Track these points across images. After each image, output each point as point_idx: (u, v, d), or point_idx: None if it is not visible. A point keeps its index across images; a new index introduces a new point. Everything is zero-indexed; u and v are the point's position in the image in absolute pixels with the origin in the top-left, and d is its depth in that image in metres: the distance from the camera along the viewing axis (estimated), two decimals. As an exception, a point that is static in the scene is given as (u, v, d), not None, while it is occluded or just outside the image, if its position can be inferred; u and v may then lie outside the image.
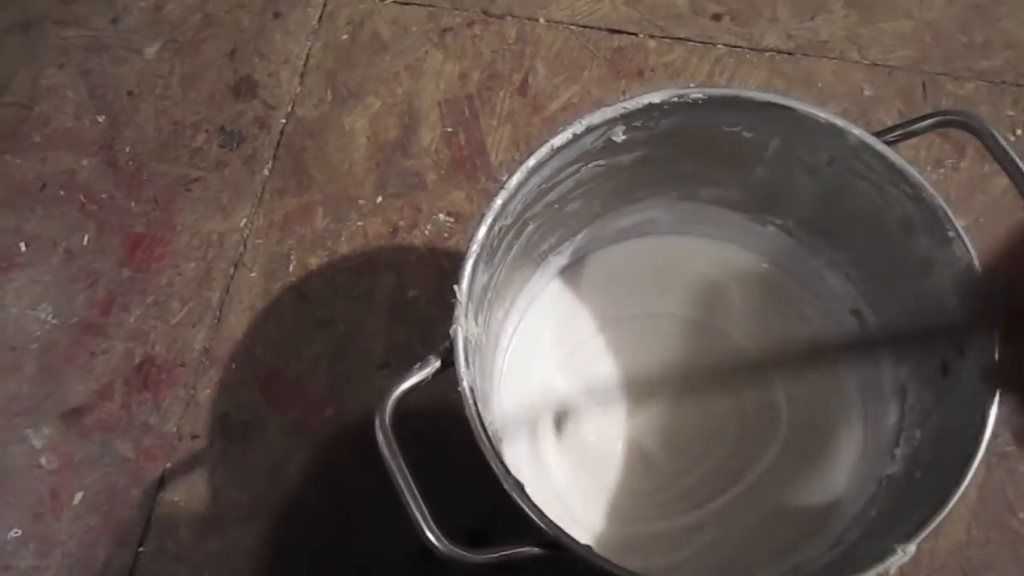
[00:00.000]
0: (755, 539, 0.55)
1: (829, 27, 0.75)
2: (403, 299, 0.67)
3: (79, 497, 0.63)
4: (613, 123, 0.49)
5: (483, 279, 0.49)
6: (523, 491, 0.42)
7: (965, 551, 0.59)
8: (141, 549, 0.62)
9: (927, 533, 0.41)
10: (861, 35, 0.75)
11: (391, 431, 0.42)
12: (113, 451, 0.65)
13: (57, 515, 0.63)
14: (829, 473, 0.56)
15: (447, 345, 0.45)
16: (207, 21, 0.79)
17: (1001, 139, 0.47)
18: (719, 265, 0.63)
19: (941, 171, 0.69)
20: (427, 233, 0.69)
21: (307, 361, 0.66)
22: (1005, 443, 0.62)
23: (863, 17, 0.75)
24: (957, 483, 0.41)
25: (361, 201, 0.71)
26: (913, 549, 0.41)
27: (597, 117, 0.48)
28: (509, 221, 0.49)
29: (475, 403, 0.43)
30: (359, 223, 0.70)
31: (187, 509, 0.63)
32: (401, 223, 0.70)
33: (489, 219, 0.46)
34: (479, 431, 0.43)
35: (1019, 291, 0.36)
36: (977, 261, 0.45)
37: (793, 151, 0.52)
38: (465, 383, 0.43)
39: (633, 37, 0.76)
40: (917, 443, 0.49)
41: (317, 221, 0.70)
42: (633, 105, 0.48)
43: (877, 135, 0.48)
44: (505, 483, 0.42)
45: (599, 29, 0.76)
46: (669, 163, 0.55)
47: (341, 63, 0.76)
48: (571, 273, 0.63)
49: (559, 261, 0.61)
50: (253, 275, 0.69)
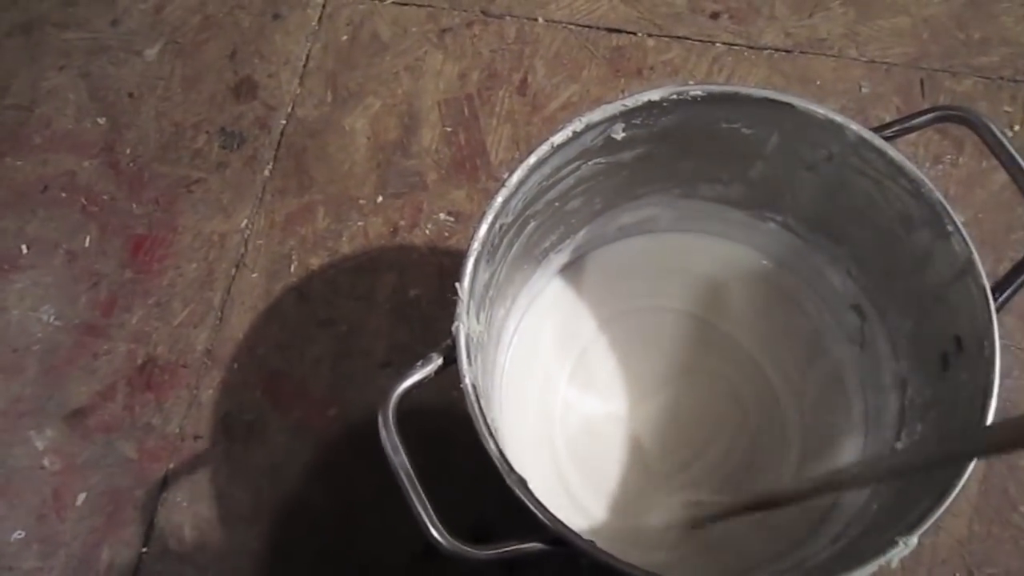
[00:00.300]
0: (757, 534, 0.55)
1: (827, 25, 0.75)
2: (405, 298, 0.68)
3: (82, 498, 0.64)
4: (613, 120, 0.49)
5: (484, 277, 0.49)
6: (526, 487, 0.42)
7: (967, 545, 0.60)
8: (144, 550, 0.62)
9: (928, 526, 0.41)
10: (859, 32, 0.75)
11: (394, 428, 0.42)
12: (116, 452, 0.65)
13: (60, 516, 0.63)
14: (831, 466, 0.56)
15: (449, 343, 0.45)
16: (207, 23, 0.79)
17: (999, 133, 0.47)
18: (720, 262, 0.63)
19: (940, 167, 0.69)
20: (428, 232, 0.69)
21: (309, 361, 0.66)
22: (1006, 438, 0.62)
23: (861, 14, 0.76)
24: (957, 476, 0.41)
25: (362, 201, 0.71)
26: (915, 541, 0.41)
27: (597, 115, 0.48)
28: (510, 219, 0.49)
29: (477, 400, 0.43)
30: (360, 223, 0.70)
31: (190, 510, 0.63)
32: (402, 223, 0.70)
33: (490, 217, 0.47)
34: (482, 427, 0.43)
35: None
36: (976, 255, 0.45)
37: (792, 147, 0.52)
38: (467, 380, 0.43)
39: (632, 36, 0.76)
40: (918, 437, 0.49)
41: (318, 221, 0.71)
42: (633, 103, 0.48)
43: (875, 131, 0.48)
44: (508, 479, 0.42)
45: (598, 28, 0.76)
46: (669, 160, 0.55)
47: (341, 64, 0.76)
48: (572, 271, 0.63)
49: (560, 259, 0.62)
50: (255, 276, 0.69)
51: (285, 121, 0.75)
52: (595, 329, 0.62)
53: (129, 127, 0.75)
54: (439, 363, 0.45)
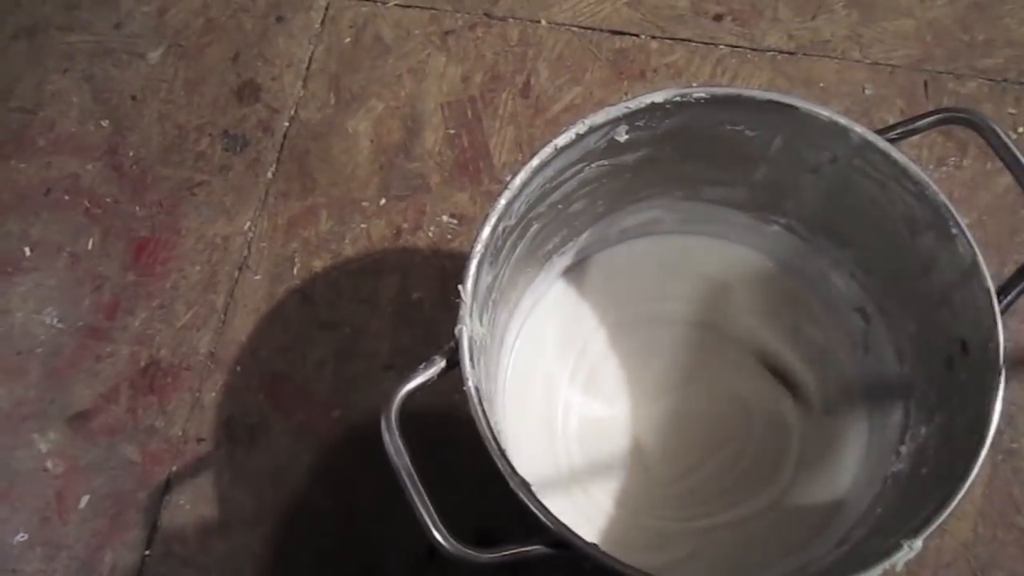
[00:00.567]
0: (762, 538, 0.55)
1: (831, 27, 0.75)
2: (408, 301, 0.67)
3: (85, 501, 0.64)
4: (616, 123, 0.49)
5: (487, 279, 0.49)
6: (529, 490, 0.42)
7: (972, 549, 0.59)
8: (147, 553, 0.62)
9: (933, 529, 0.41)
10: (863, 34, 0.75)
11: (397, 431, 0.42)
12: (119, 455, 0.65)
13: (63, 519, 0.63)
14: (835, 471, 0.56)
15: (452, 345, 0.45)
16: (210, 25, 0.79)
17: (1003, 135, 0.47)
18: (723, 264, 0.63)
19: (944, 169, 0.69)
20: (431, 235, 0.69)
21: (312, 364, 0.66)
22: (1011, 440, 0.62)
23: (864, 16, 0.75)
24: (962, 479, 0.41)
25: (365, 203, 0.71)
26: (919, 545, 0.41)
27: (600, 117, 0.48)
28: (513, 221, 0.49)
29: (480, 402, 0.43)
30: (363, 225, 0.70)
31: (193, 512, 0.63)
32: (405, 225, 0.70)
33: (493, 219, 0.47)
34: (485, 430, 0.43)
35: None
36: (981, 257, 0.45)
37: (796, 150, 0.52)
38: (470, 383, 0.43)
39: (635, 38, 0.76)
40: (922, 440, 0.49)
41: (321, 224, 0.70)
42: (636, 105, 0.48)
43: (879, 133, 0.48)
44: (511, 482, 0.42)
45: (601, 30, 0.76)
46: (672, 163, 0.55)
47: (344, 66, 0.76)
48: (575, 273, 0.63)
49: (563, 261, 0.62)
50: (258, 278, 0.69)
51: (288, 124, 0.75)
52: (598, 332, 0.62)
53: (132, 130, 0.75)
54: (442, 366, 0.45)
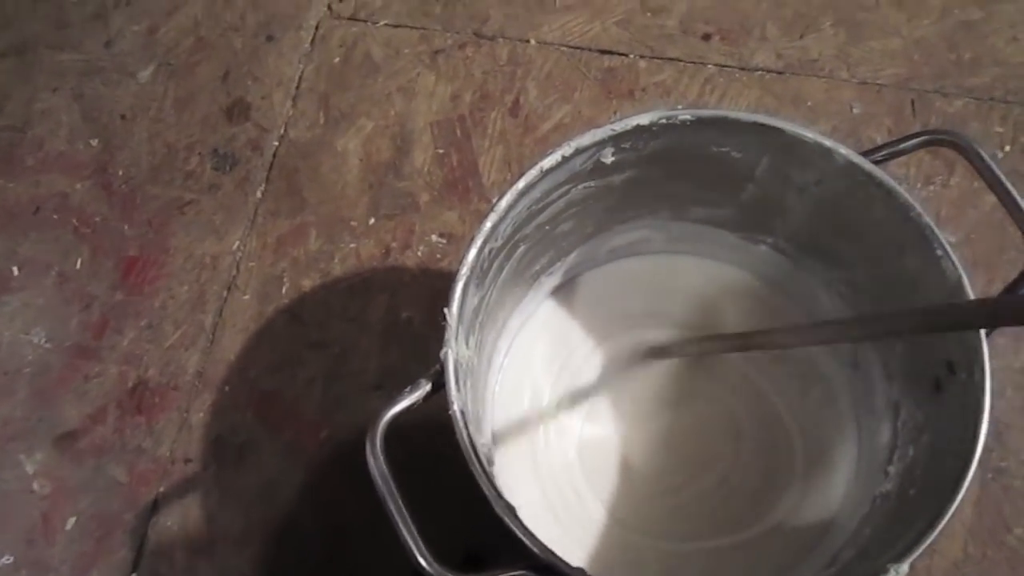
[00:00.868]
0: (751, 559, 0.55)
1: (819, 46, 0.76)
2: (396, 320, 0.67)
3: (72, 522, 0.63)
4: (602, 145, 0.49)
5: (474, 301, 0.49)
6: (514, 514, 0.42)
7: (961, 568, 0.59)
8: (134, 574, 0.61)
9: (920, 552, 0.41)
10: (850, 53, 0.75)
11: (382, 455, 0.42)
12: (106, 475, 0.64)
13: (50, 540, 0.63)
14: (825, 491, 0.56)
15: (438, 368, 0.44)
16: (200, 44, 0.79)
17: (987, 157, 0.47)
18: (712, 284, 0.63)
19: (931, 187, 0.69)
20: (420, 254, 0.69)
21: (301, 383, 0.66)
22: (1000, 459, 0.62)
23: (852, 35, 0.76)
24: (949, 501, 0.41)
25: (354, 223, 0.71)
26: (906, 569, 0.40)
27: (586, 139, 0.48)
28: (499, 243, 0.49)
29: (466, 426, 0.43)
30: (352, 245, 0.70)
31: (181, 533, 0.62)
32: (394, 244, 0.70)
33: (479, 242, 0.46)
34: (470, 455, 0.43)
35: None
36: (967, 279, 0.45)
37: (782, 171, 0.52)
38: (456, 407, 0.43)
39: (624, 58, 0.76)
40: (910, 460, 0.49)
41: (310, 243, 0.70)
42: (622, 127, 0.48)
43: (865, 154, 0.48)
44: (496, 506, 0.42)
45: (590, 50, 0.76)
46: (659, 183, 0.55)
47: (334, 85, 0.76)
48: (564, 293, 0.63)
49: (551, 281, 0.62)
50: (246, 297, 0.69)
51: (278, 143, 0.75)
52: (587, 351, 0.62)
53: (122, 148, 0.76)
54: (427, 389, 0.44)
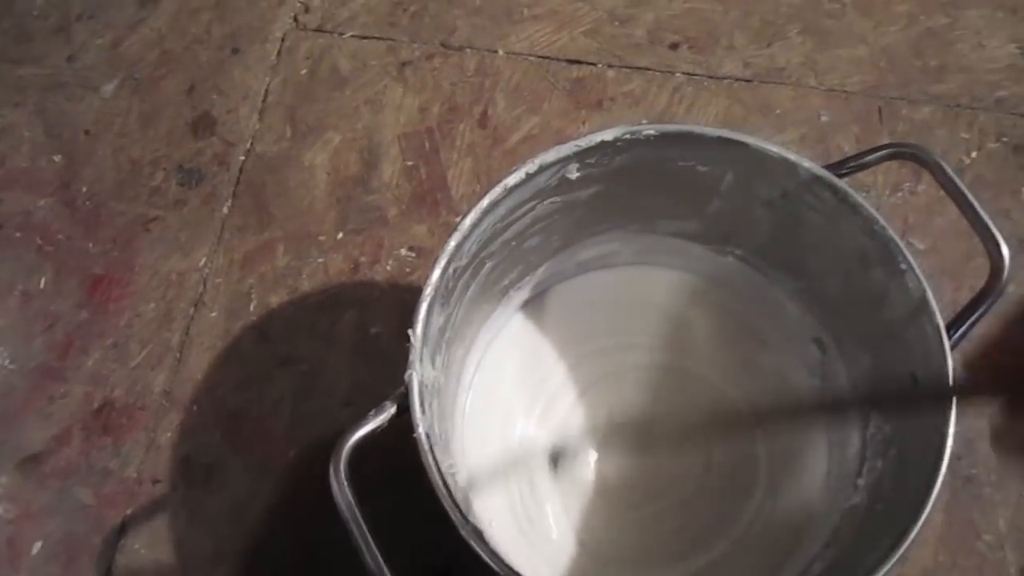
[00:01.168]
0: (722, 573, 0.55)
1: (786, 54, 0.76)
2: (366, 336, 0.67)
3: (38, 547, 0.62)
4: (567, 161, 0.49)
5: (440, 320, 0.48)
6: (482, 538, 0.41)
7: (933, 576, 0.59)
8: (102, 599, 0.60)
9: (887, 570, 0.41)
10: (818, 61, 0.75)
11: (346, 481, 0.42)
12: (72, 498, 0.63)
13: (15, 566, 0.62)
14: (794, 504, 0.56)
15: (403, 390, 0.44)
16: (165, 58, 0.78)
17: (949, 170, 0.47)
18: (681, 295, 0.63)
19: (899, 195, 0.70)
20: (389, 269, 0.69)
21: (270, 401, 0.65)
22: (970, 466, 0.62)
23: (819, 43, 0.76)
24: (914, 520, 0.41)
25: (322, 237, 0.70)
26: (873, 587, 0.40)
27: (551, 155, 0.48)
28: (465, 261, 0.49)
29: (431, 449, 0.43)
30: (320, 260, 0.69)
31: (149, 556, 0.61)
32: (363, 259, 0.69)
33: (443, 261, 0.46)
34: (436, 478, 0.42)
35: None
36: (931, 293, 0.45)
37: (748, 185, 0.52)
38: (421, 429, 0.43)
39: (592, 67, 0.76)
40: (878, 473, 0.49)
41: (278, 259, 0.70)
42: (586, 143, 0.48)
43: (830, 168, 0.49)
44: (463, 531, 0.41)
45: (558, 60, 0.76)
46: (626, 198, 0.55)
47: (300, 98, 0.76)
48: (533, 307, 0.63)
49: (520, 296, 0.61)
50: (214, 315, 0.68)
51: (244, 157, 0.74)
52: (558, 365, 0.62)
53: (85, 165, 0.74)
54: (392, 411, 0.44)
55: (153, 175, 0.74)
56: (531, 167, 0.48)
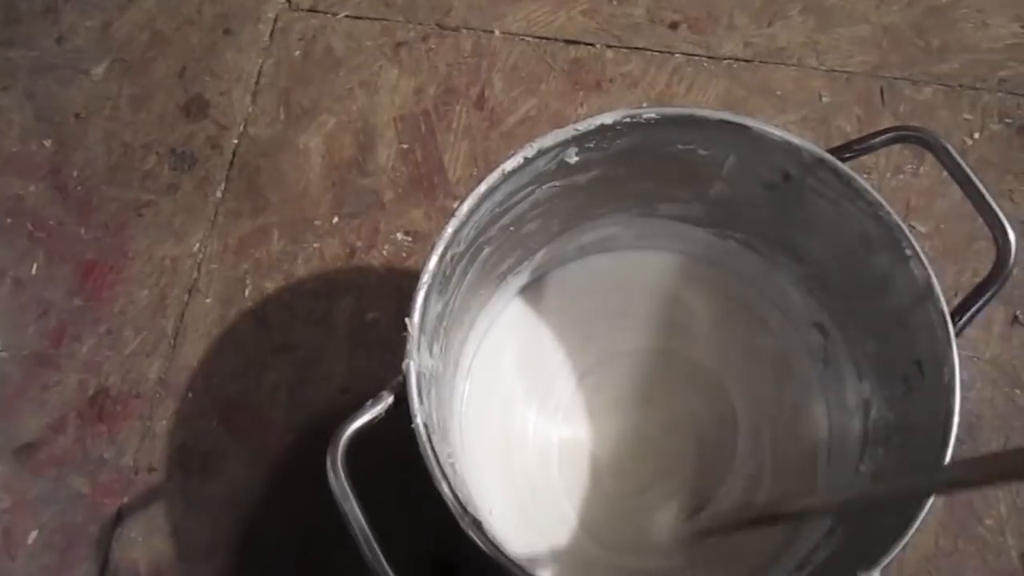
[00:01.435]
0: (723, 561, 0.54)
1: (787, 34, 0.75)
2: (363, 322, 0.66)
3: (33, 536, 0.62)
4: (565, 145, 0.48)
5: (437, 308, 0.48)
6: (481, 529, 0.41)
7: (934, 561, 0.59)
8: (99, 587, 0.60)
9: (890, 560, 0.40)
10: (819, 41, 0.74)
11: (343, 473, 0.41)
12: (68, 487, 0.63)
13: (11, 555, 0.61)
14: (794, 488, 0.56)
15: (400, 380, 0.43)
16: (156, 39, 0.77)
17: (955, 153, 0.46)
18: (681, 279, 0.62)
19: (901, 177, 0.69)
20: (385, 253, 0.68)
21: (266, 388, 0.65)
22: (970, 452, 0.61)
23: (821, 23, 0.75)
24: (919, 507, 0.41)
25: (317, 222, 0.69)
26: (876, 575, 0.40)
27: (549, 140, 0.47)
28: (462, 248, 0.48)
29: (429, 439, 0.42)
30: (316, 245, 0.69)
31: (146, 545, 0.61)
32: (359, 243, 0.68)
33: (440, 248, 0.45)
34: (434, 468, 0.42)
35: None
36: (935, 279, 0.45)
37: (750, 168, 0.51)
38: (419, 419, 0.42)
39: (590, 48, 0.75)
40: (881, 460, 0.49)
41: (273, 244, 0.69)
42: (585, 127, 0.47)
43: (833, 151, 0.48)
44: (462, 522, 0.41)
45: (556, 40, 0.75)
46: (626, 182, 0.54)
47: (294, 80, 0.75)
48: (532, 291, 0.62)
49: (519, 280, 0.60)
50: (208, 301, 0.67)
51: (237, 140, 0.73)
52: (557, 350, 0.61)
53: (76, 149, 0.73)
54: (390, 401, 0.43)
55: (145, 159, 0.73)
56: (529, 152, 0.47)
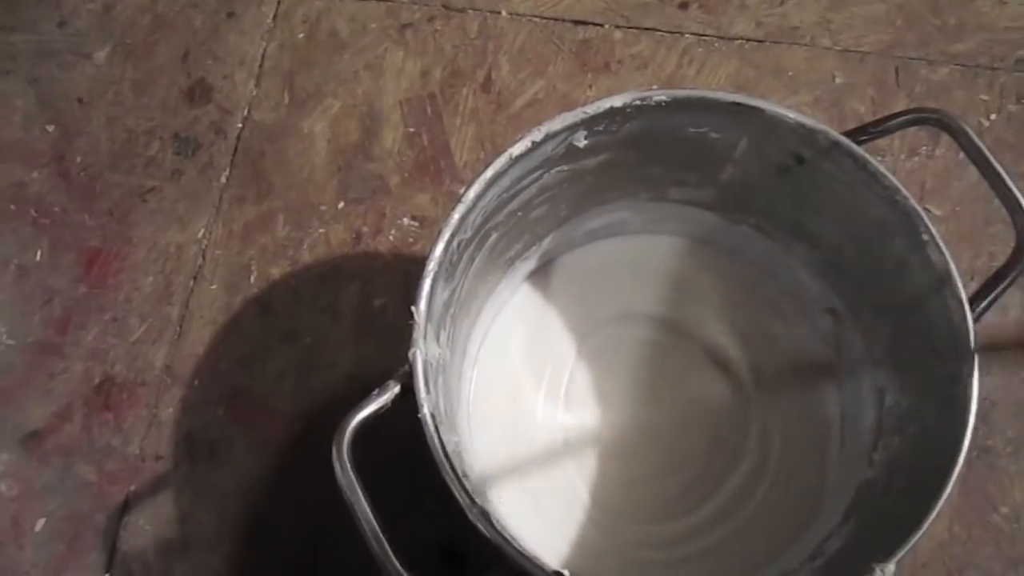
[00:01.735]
0: (734, 548, 0.54)
1: (799, 12, 0.73)
2: (369, 308, 0.65)
3: (41, 524, 0.62)
4: (574, 128, 0.47)
5: (444, 295, 0.47)
6: (489, 520, 0.40)
7: (948, 549, 0.58)
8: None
9: (906, 551, 0.40)
10: (832, 20, 0.73)
11: (349, 462, 0.40)
12: (75, 475, 0.63)
13: (19, 544, 0.61)
14: (806, 478, 0.55)
15: (406, 369, 0.43)
16: (158, 22, 0.76)
17: (973, 135, 0.45)
18: (692, 264, 0.61)
19: (916, 159, 0.68)
20: (391, 239, 0.67)
21: (272, 376, 0.64)
22: (986, 437, 0.61)
23: (834, 1, 0.73)
24: (935, 498, 0.40)
25: (323, 207, 0.69)
26: (892, 568, 0.39)
27: (557, 123, 0.46)
28: (469, 234, 0.47)
29: (436, 429, 0.41)
30: (321, 230, 0.68)
31: (153, 533, 0.61)
32: (365, 229, 0.68)
33: (446, 235, 0.45)
34: (441, 459, 0.41)
35: None
36: (952, 265, 0.44)
37: (763, 151, 0.50)
38: (426, 409, 0.42)
39: (599, 28, 0.73)
40: (895, 450, 0.48)
41: (278, 229, 0.68)
42: (594, 110, 0.46)
43: (848, 134, 0.47)
44: (470, 513, 0.40)
45: (563, 20, 0.74)
46: (636, 166, 0.53)
47: (298, 63, 0.74)
48: (540, 277, 0.61)
49: (527, 266, 0.60)
50: (214, 288, 0.67)
51: (241, 125, 0.72)
52: (565, 336, 0.60)
53: (80, 134, 0.73)
54: (396, 391, 0.43)
55: (149, 144, 0.72)
56: (537, 136, 0.46)
